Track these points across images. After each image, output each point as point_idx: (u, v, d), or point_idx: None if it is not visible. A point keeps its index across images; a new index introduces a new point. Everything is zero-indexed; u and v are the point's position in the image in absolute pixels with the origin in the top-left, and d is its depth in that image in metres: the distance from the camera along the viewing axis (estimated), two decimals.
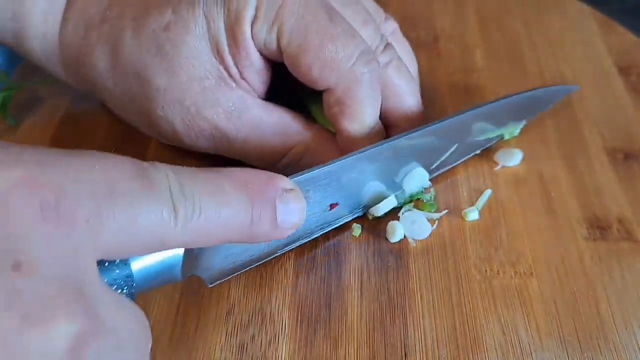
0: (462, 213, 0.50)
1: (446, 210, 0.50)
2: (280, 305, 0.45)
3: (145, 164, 0.33)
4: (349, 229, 0.49)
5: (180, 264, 0.37)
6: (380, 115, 0.49)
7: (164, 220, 0.31)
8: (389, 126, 0.51)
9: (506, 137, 0.54)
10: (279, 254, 0.47)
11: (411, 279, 0.46)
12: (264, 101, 0.48)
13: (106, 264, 0.34)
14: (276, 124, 0.48)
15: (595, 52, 0.66)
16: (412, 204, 0.50)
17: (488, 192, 0.52)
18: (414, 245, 0.48)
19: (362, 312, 0.44)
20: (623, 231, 0.49)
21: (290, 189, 0.38)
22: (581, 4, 0.73)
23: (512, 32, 0.69)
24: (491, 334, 0.43)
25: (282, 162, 0.49)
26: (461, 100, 0.60)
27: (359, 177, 0.47)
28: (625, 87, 0.62)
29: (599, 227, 0.50)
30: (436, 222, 0.50)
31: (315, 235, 0.48)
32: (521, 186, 0.53)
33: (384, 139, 0.49)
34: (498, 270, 0.47)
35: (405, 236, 0.48)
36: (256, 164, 0.49)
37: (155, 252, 0.34)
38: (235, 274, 0.45)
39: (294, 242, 0.47)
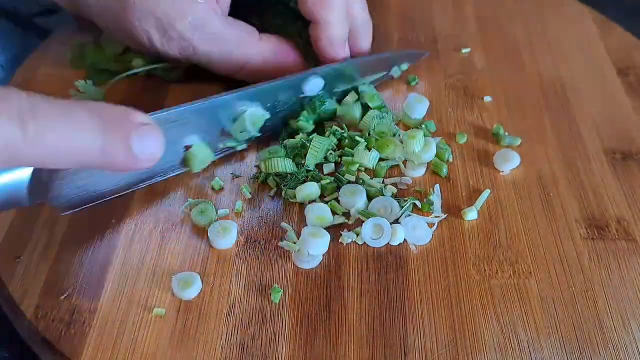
0: (461, 213, 0.50)
1: (445, 215, 0.50)
2: (280, 305, 0.45)
3: (1, 88, 0.35)
4: (348, 229, 0.49)
5: (27, 186, 0.39)
6: None
7: (14, 134, 0.34)
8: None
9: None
10: (133, 189, 0.49)
11: (410, 279, 0.46)
12: (226, 17, 0.55)
13: None
14: (236, 36, 0.55)
15: (594, 53, 0.66)
16: (412, 206, 0.50)
17: (487, 193, 0.52)
18: (415, 251, 0.48)
19: (362, 312, 0.44)
20: (621, 231, 0.50)
21: (147, 123, 0.40)
22: (580, 5, 0.73)
23: (511, 33, 0.69)
24: (490, 333, 0.43)
25: (242, 72, 0.57)
26: (460, 101, 0.60)
27: (215, 121, 0.52)
28: (624, 88, 0.62)
29: (597, 227, 0.50)
30: (435, 222, 0.50)
31: (170, 176, 0.51)
32: (520, 186, 0.53)
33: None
34: (497, 270, 0.47)
35: (405, 240, 0.49)
36: (221, 73, 0.57)
37: (7, 166, 0.36)
38: (89, 205, 0.47)
39: (147, 179, 0.50)
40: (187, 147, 0.51)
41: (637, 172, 0.54)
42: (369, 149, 0.53)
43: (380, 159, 0.54)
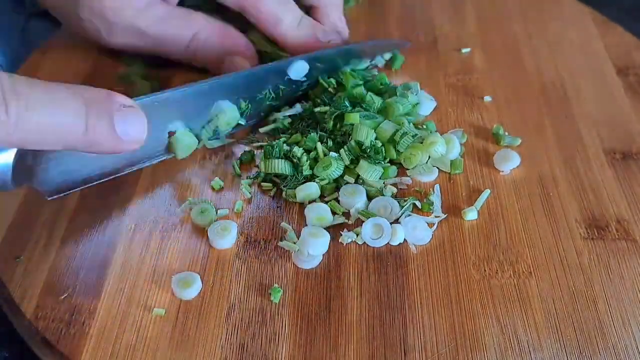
0: (461, 213, 0.50)
1: (445, 215, 0.50)
2: (280, 305, 0.45)
3: None
4: (348, 229, 0.49)
5: (10, 169, 0.39)
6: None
7: None
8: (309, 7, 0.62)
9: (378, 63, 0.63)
10: (120, 174, 0.50)
11: (410, 279, 0.46)
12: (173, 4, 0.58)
13: None
14: (180, 17, 0.58)
15: (593, 53, 0.66)
16: (412, 206, 0.50)
17: (487, 193, 0.52)
18: (415, 251, 0.48)
19: (362, 312, 0.44)
20: (621, 231, 0.50)
21: (130, 105, 0.41)
22: (580, 5, 0.73)
23: (510, 33, 0.69)
24: (490, 333, 0.43)
25: (190, 48, 0.59)
26: (460, 101, 0.61)
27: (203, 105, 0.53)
28: (624, 88, 0.62)
29: (597, 227, 0.50)
30: (435, 222, 0.50)
31: (155, 162, 0.52)
32: (520, 186, 0.53)
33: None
34: (497, 270, 0.47)
35: (405, 240, 0.49)
36: (170, 53, 0.60)
37: None
38: (75, 190, 0.47)
39: (132, 164, 0.51)
40: (171, 134, 0.51)
41: (637, 172, 0.54)
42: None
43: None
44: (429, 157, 0.53)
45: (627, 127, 0.58)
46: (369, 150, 0.52)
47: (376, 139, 0.53)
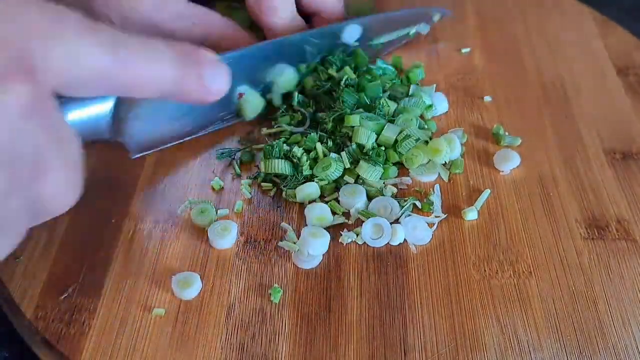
0: (461, 213, 0.50)
1: (445, 215, 0.50)
2: (280, 305, 0.45)
3: (89, 19, 0.37)
4: (348, 229, 0.49)
5: (110, 117, 0.45)
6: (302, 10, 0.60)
7: (105, 61, 0.36)
8: (312, 15, 0.62)
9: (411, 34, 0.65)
10: (194, 136, 0.55)
11: (410, 279, 0.46)
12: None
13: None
14: (196, 14, 0.58)
15: (594, 53, 0.66)
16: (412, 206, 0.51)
17: (487, 192, 0.52)
18: (415, 251, 0.48)
19: (362, 312, 0.44)
20: (621, 231, 0.50)
21: (214, 59, 0.44)
22: (580, 5, 0.73)
23: (510, 33, 0.69)
24: (490, 333, 0.43)
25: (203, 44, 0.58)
26: (460, 101, 0.61)
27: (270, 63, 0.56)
28: (624, 88, 0.62)
29: (597, 227, 0.50)
30: (435, 222, 0.50)
31: (225, 125, 0.56)
32: (520, 186, 0.53)
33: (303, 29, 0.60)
34: (497, 270, 0.47)
35: (405, 240, 0.49)
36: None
37: (96, 93, 0.39)
38: (158, 148, 0.53)
39: (206, 126, 0.55)
40: (240, 95, 0.55)
41: (637, 172, 0.54)
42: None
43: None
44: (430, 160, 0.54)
45: (627, 127, 0.58)
46: (370, 152, 0.52)
47: (377, 142, 0.53)
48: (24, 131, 0.32)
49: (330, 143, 0.53)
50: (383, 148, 0.53)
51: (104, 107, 0.45)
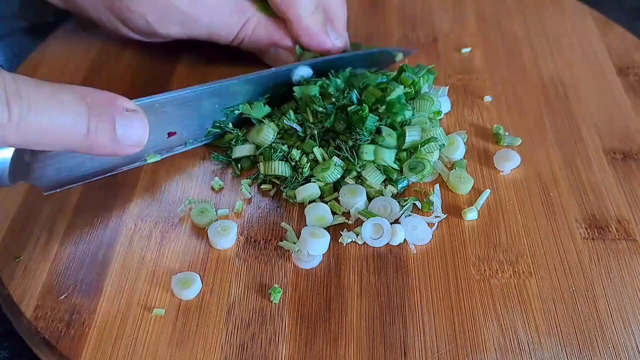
0: (461, 213, 0.50)
1: (445, 215, 0.50)
2: (280, 305, 0.45)
3: None
4: (348, 229, 0.49)
5: (8, 167, 0.40)
6: None
7: None
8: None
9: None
10: (118, 171, 0.51)
11: (410, 279, 0.46)
12: None
13: None
14: (230, 3, 0.58)
15: (594, 53, 0.66)
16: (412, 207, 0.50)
17: (487, 193, 0.52)
18: (415, 251, 0.48)
19: (362, 312, 0.44)
20: (621, 231, 0.50)
21: (132, 109, 0.41)
22: (580, 4, 0.73)
23: (510, 32, 0.69)
24: (490, 333, 0.43)
25: (239, 36, 0.59)
26: (460, 101, 0.60)
27: (202, 108, 0.54)
28: (624, 88, 0.62)
29: (597, 227, 0.50)
30: (435, 222, 0.50)
31: (154, 160, 0.53)
32: (520, 186, 0.53)
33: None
34: (497, 270, 0.47)
35: (405, 240, 0.49)
36: (220, 40, 0.60)
37: None
38: (73, 185, 0.49)
39: (128, 163, 0.51)
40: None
41: (637, 172, 0.54)
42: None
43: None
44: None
45: (627, 127, 0.58)
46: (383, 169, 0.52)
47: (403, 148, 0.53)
48: None
49: (329, 148, 0.53)
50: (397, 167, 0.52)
51: (1, 155, 0.40)
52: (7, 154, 0.40)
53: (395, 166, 0.52)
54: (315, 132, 0.53)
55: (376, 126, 0.52)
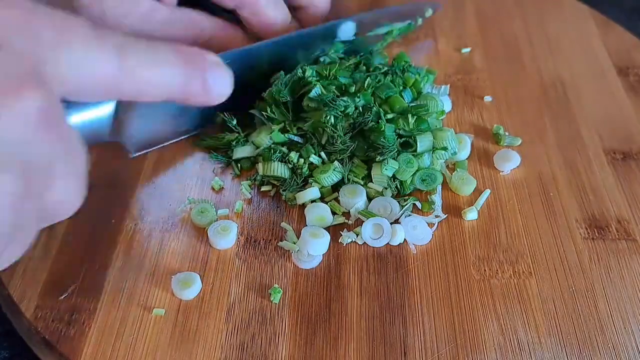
0: (461, 213, 0.50)
1: (445, 215, 0.50)
2: (280, 305, 0.45)
3: (95, 26, 0.37)
4: (348, 229, 0.49)
5: (111, 120, 0.45)
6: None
7: (112, 68, 0.37)
8: (297, 8, 0.62)
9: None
10: (192, 134, 0.56)
11: (410, 279, 0.46)
12: (173, 5, 0.58)
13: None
14: (183, 18, 0.58)
15: (594, 52, 0.66)
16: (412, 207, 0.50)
17: (487, 193, 0.52)
18: (415, 252, 0.48)
19: (362, 312, 0.44)
20: (621, 231, 0.50)
21: (218, 62, 0.44)
22: (580, 4, 0.73)
23: (510, 32, 0.69)
24: (490, 333, 0.43)
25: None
26: (460, 101, 0.61)
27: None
28: (624, 88, 0.62)
29: (597, 227, 0.50)
30: (435, 222, 0.50)
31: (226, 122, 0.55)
32: (520, 186, 0.53)
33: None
34: (497, 270, 0.47)
35: (405, 240, 0.49)
36: None
37: (102, 99, 0.40)
38: (157, 146, 0.54)
39: (202, 125, 0.56)
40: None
41: (637, 172, 0.54)
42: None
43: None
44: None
45: (627, 127, 0.58)
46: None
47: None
48: (39, 139, 0.32)
49: (327, 155, 0.52)
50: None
51: (105, 110, 0.45)
52: (109, 108, 0.44)
53: (420, 187, 0.52)
54: (315, 142, 0.52)
55: (397, 134, 0.51)
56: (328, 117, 0.51)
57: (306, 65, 0.56)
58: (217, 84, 0.43)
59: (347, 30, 0.60)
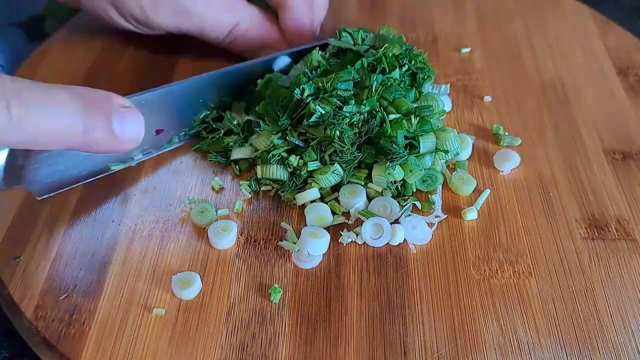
0: (461, 213, 0.50)
1: (445, 215, 0.50)
2: (280, 305, 0.45)
3: None
4: (348, 229, 0.49)
5: (2, 170, 0.41)
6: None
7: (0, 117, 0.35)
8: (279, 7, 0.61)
9: None
10: (108, 173, 0.52)
11: (410, 279, 0.46)
12: None
13: None
14: (225, 0, 0.59)
15: (593, 53, 0.66)
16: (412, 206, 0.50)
17: (487, 193, 0.52)
18: (415, 251, 0.48)
19: (362, 312, 0.44)
20: (621, 231, 0.50)
21: (127, 106, 0.42)
22: (580, 4, 0.73)
23: (510, 32, 0.69)
24: (490, 333, 0.43)
25: (230, 34, 0.60)
26: (460, 101, 0.61)
27: (189, 103, 0.54)
28: (624, 88, 0.62)
29: (597, 227, 0.50)
30: (435, 222, 0.50)
31: (143, 159, 0.53)
32: (520, 186, 0.53)
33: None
34: (497, 270, 0.47)
35: (405, 240, 0.49)
36: (210, 36, 0.60)
37: None
38: (66, 189, 0.49)
39: (121, 162, 0.52)
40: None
41: (637, 172, 0.54)
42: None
43: None
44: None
45: (627, 127, 0.58)
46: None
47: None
48: None
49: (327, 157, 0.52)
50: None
51: None
52: (1, 157, 0.41)
53: (420, 187, 0.52)
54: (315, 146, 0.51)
55: (405, 136, 0.50)
56: (334, 132, 0.49)
57: (302, 76, 0.53)
58: (126, 130, 0.41)
59: (281, 63, 0.59)
